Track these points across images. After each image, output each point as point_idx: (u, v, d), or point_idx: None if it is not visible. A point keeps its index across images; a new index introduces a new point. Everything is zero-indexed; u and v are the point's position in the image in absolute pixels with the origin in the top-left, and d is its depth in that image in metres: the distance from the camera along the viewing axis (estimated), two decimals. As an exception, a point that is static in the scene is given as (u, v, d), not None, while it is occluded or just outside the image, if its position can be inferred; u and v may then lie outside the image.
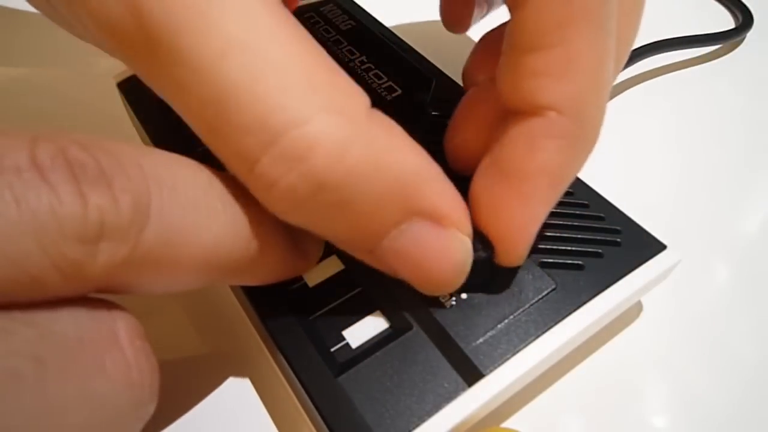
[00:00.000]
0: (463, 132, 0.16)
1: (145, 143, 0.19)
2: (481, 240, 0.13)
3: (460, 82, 0.20)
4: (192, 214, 0.11)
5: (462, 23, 0.21)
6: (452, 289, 0.13)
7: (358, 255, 0.13)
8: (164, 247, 0.10)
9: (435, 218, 0.12)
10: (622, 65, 0.16)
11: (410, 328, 0.14)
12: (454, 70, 0.20)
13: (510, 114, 0.13)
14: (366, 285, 0.15)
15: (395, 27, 0.23)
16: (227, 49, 0.10)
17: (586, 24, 0.12)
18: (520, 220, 0.13)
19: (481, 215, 0.13)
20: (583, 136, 0.13)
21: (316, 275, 0.15)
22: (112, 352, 0.10)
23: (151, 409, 0.11)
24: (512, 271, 0.15)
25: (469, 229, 0.13)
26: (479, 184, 0.13)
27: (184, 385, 0.16)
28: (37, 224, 0.08)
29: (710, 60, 0.27)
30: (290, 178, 0.10)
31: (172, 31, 0.10)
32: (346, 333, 0.14)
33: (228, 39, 0.10)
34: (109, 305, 0.10)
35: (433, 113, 0.19)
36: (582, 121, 0.12)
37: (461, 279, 0.13)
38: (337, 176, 0.10)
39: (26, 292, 0.09)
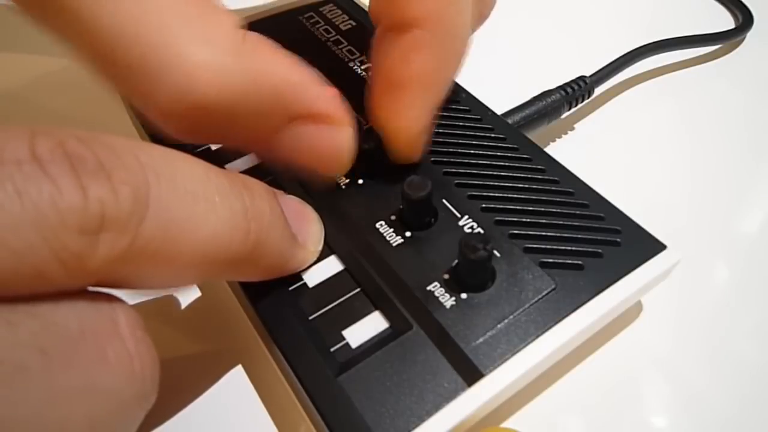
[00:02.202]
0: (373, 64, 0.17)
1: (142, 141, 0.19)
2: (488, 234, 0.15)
3: (460, 82, 0.20)
4: (190, 206, 0.11)
5: None
6: (343, 171, 0.16)
7: (258, 157, 0.16)
8: (163, 239, 0.10)
9: (313, 118, 0.14)
10: None
11: (410, 328, 0.14)
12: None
13: (387, 32, 0.15)
14: (366, 285, 0.15)
15: (395, 27, 0.23)
16: None
17: None
18: (405, 120, 0.15)
19: (378, 120, 0.16)
20: (445, 46, 0.15)
21: (316, 275, 0.15)
22: (114, 342, 0.10)
23: (152, 399, 0.11)
24: (512, 271, 0.15)
25: (346, 119, 0.14)
26: (372, 91, 0.16)
27: (183, 384, 0.16)
28: (40, 216, 0.09)
29: (710, 60, 0.27)
30: (179, 107, 0.11)
31: None
32: (345, 333, 0.14)
33: None
34: (110, 297, 0.11)
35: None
36: (443, 32, 0.15)
37: (347, 159, 0.15)
38: (220, 99, 0.12)
39: (29, 285, 0.09)
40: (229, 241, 0.11)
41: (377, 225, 0.16)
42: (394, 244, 0.16)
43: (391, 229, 0.16)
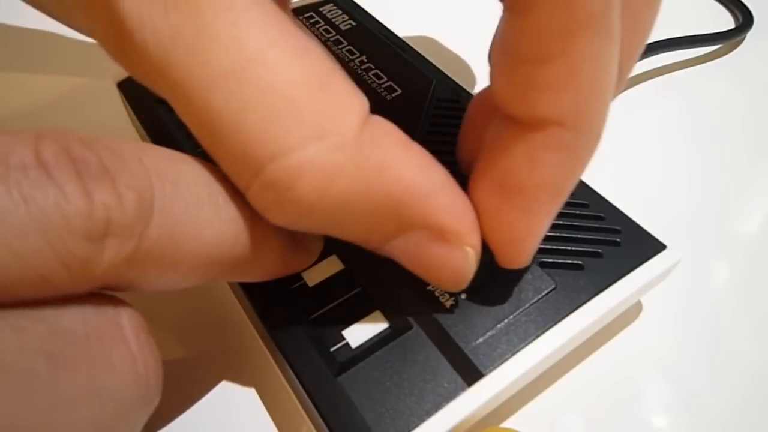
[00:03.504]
0: (470, 140, 0.15)
1: (145, 143, 0.19)
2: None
3: (460, 82, 0.20)
4: (194, 210, 0.11)
5: None
6: (457, 290, 0.14)
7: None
8: (168, 242, 0.10)
9: (434, 232, 0.12)
10: (629, 72, 0.15)
11: (410, 327, 0.14)
12: (454, 70, 0.20)
13: (508, 121, 0.12)
14: (366, 285, 0.15)
15: (395, 27, 0.23)
16: (213, 82, 0.10)
17: (589, 32, 0.11)
18: (520, 232, 0.13)
19: (481, 224, 0.13)
20: (584, 148, 0.12)
21: (316, 275, 0.15)
22: (119, 346, 0.10)
23: (156, 401, 0.11)
24: (512, 271, 0.15)
25: (474, 240, 0.12)
26: (478, 192, 0.13)
27: (184, 384, 0.16)
28: (46, 222, 0.09)
29: (710, 60, 0.27)
30: (279, 204, 0.11)
31: (163, 64, 0.10)
32: (345, 333, 0.14)
33: (213, 71, 0.10)
34: (114, 300, 0.11)
35: (434, 113, 0.19)
36: (584, 132, 0.12)
37: (464, 284, 0.13)
38: (325, 203, 0.10)
39: (34, 290, 0.09)
40: (232, 244, 0.11)
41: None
42: (394, 244, 0.16)
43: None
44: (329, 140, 0.10)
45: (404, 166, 0.11)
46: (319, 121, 0.10)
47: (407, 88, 0.20)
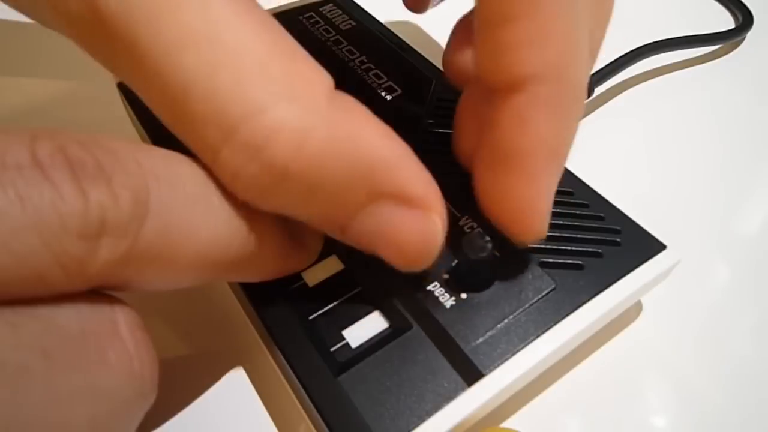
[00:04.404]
0: (465, 133, 0.16)
1: (145, 143, 0.19)
2: (488, 234, 0.14)
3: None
4: (190, 209, 0.11)
5: (421, 3, 0.22)
6: (425, 266, 0.13)
7: (331, 234, 0.13)
8: (163, 242, 0.10)
9: (402, 200, 0.12)
10: (607, 23, 0.15)
11: (410, 327, 0.14)
12: (454, 70, 0.20)
13: (494, 95, 0.13)
14: (366, 285, 0.15)
15: (395, 27, 0.23)
16: (183, 42, 0.10)
17: None
18: (528, 198, 0.13)
19: (490, 205, 0.13)
20: (568, 100, 0.12)
21: (316, 275, 0.15)
22: (114, 343, 0.10)
23: (151, 399, 0.11)
24: (512, 271, 0.15)
25: (439, 207, 0.12)
26: (481, 175, 0.13)
27: (183, 384, 0.16)
28: (41, 221, 0.09)
29: (710, 60, 0.27)
30: (251, 168, 0.10)
31: (128, 24, 0.10)
32: (345, 333, 0.14)
33: (184, 31, 0.10)
34: (110, 299, 0.11)
35: (434, 113, 0.19)
36: (563, 83, 0.12)
37: (431, 256, 0.13)
38: (298, 165, 0.10)
39: (30, 288, 0.09)
40: (228, 243, 0.11)
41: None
42: (394, 244, 0.16)
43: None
44: (302, 102, 0.10)
45: (373, 134, 0.11)
46: (290, 84, 0.10)
47: (407, 88, 0.20)
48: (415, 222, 0.12)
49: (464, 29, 0.18)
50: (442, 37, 0.28)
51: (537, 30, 0.12)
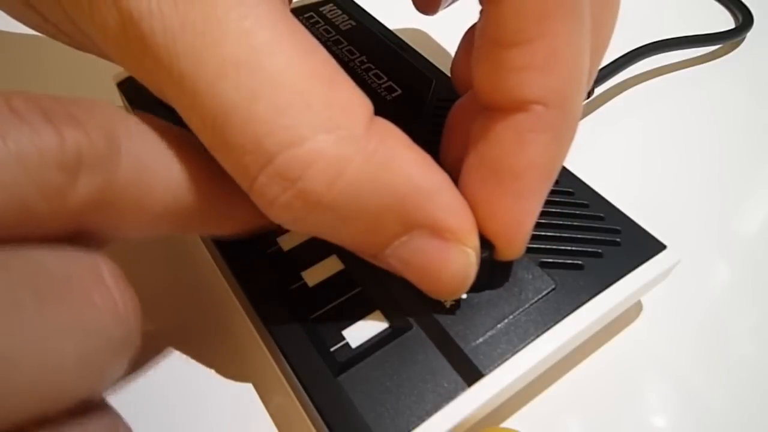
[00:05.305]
0: (453, 141, 0.16)
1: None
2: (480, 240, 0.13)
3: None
4: (161, 152, 0.11)
5: (431, 5, 0.21)
6: (457, 296, 0.13)
7: (365, 257, 0.13)
8: (138, 182, 0.11)
9: (436, 232, 0.12)
10: (598, 64, 0.16)
11: (410, 327, 0.14)
12: (454, 70, 0.20)
13: (492, 111, 0.13)
14: (366, 285, 0.15)
15: (395, 27, 0.23)
16: (223, 70, 0.10)
17: (564, 15, 0.11)
18: (516, 216, 0.13)
19: (476, 215, 0.13)
20: (567, 126, 0.13)
21: (316, 275, 0.15)
22: (99, 287, 0.10)
23: (136, 345, 0.11)
24: (512, 271, 0.15)
25: (474, 241, 0.12)
26: (469, 183, 0.13)
27: (183, 384, 0.16)
28: (22, 155, 0.09)
29: (710, 60, 0.27)
30: (287, 196, 0.11)
31: (171, 53, 0.10)
32: (345, 333, 0.14)
33: (224, 60, 0.10)
34: (92, 252, 0.11)
35: (434, 113, 0.19)
36: (566, 110, 0.12)
37: (464, 288, 0.13)
38: (333, 195, 0.11)
39: (18, 222, 0.09)
40: (197, 190, 0.12)
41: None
42: (394, 244, 0.16)
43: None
44: (340, 132, 0.10)
45: (410, 163, 0.11)
46: (329, 113, 0.10)
47: (407, 88, 0.20)
48: (448, 254, 0.12)
49: (472, 37, 0.18)
50: (442, 38, 0.28)
51: (547, 55, 0.12)
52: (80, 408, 0.10)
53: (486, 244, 0.14)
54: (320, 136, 0.10)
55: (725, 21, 0.29)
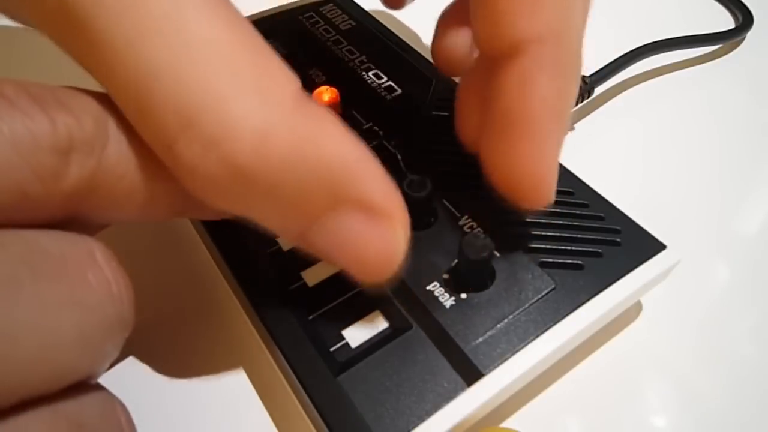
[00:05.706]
0: (467, 114, 0.16)
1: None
2: (488, 234, 0.14)
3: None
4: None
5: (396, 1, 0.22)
6: (386, 279, 0.12)
7: (291, 241, 0.12)
8: (127, 163, 0.11)
9: (363, 207, 0.11)
10: (587, 13, 0.15)
11: (410, 327, 0.14)
12: (454, 70, 0.20)
13: (495, 65, 0.13)
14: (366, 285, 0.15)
15: (395, 27, 0.23)
16: (149, 30, 0.10)
17: None
18: (537, 160, 0.13)
19: (500, 174, 0.13)
20: (567, 60, 0.13)
21: (316, 275, 0.15)
22: (93, 267, 0.10)
23: (130, 325, 0.11)
24: (512, 271, 0.15)
25: (402, 218, 0.12)
26: (489, 142, 0.13)
27: (183, 384, 0.16)
28: (16, 139, 0.09)
29: (710, 60, 0.27)
30: (208, 162, 0.10)
31: (90, 9, 0.10)
32: (345, 333, 0.14)
33: (149, 17, 0.10)
34: (85, 236, 0.11)
35: (433, 113, 0.19)
36: (563, 45, 0.13)
37: (392, 267, 0.12)
38: (257, 163, 0.10)
39: (14, 203, 0.10)
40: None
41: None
42: (394, 244, 0.16)
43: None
44: (266, 98, 0.10)
45: (337, 138, 0.11)
46: (257, 79, 0.10)
47: (407, 88, 0.20)
48: (376, 231, 0.12)
49: (449, 17, 0.18)
50: (442, 37, 0.28)
51: None
52: (78, 389, 0.10)
53: (487, 244, 0.14)
54: (246, 98, 0.10)
55: (725, 21, 0.29)
